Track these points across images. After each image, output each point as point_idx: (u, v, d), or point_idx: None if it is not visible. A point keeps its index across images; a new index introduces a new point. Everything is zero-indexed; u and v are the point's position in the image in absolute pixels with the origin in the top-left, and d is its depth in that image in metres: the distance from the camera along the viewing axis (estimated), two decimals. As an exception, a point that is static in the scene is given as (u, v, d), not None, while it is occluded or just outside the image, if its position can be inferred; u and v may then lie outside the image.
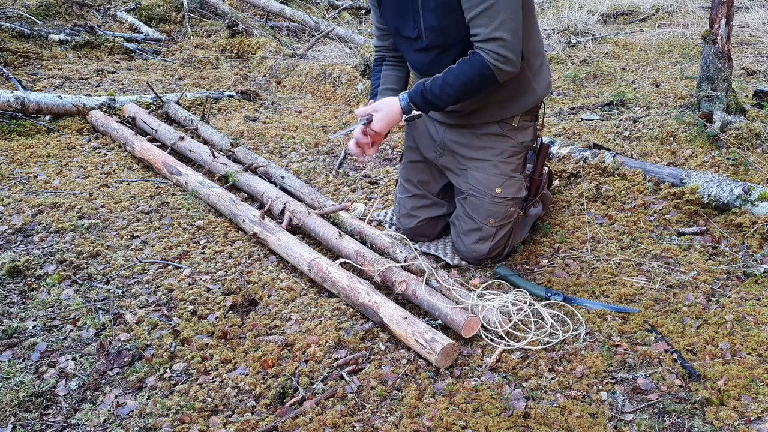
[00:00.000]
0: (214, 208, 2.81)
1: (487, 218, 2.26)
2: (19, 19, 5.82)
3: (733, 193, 2.49)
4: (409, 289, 2.06)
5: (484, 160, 2.26)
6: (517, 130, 2.26)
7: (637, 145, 3.27)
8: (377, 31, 2.40)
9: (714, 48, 3.17)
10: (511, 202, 2.28)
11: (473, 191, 2.28)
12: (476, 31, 1.98)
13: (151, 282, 2.28)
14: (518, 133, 2.27)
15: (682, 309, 2.02)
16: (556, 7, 6.85)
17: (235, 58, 5.65)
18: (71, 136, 3.63)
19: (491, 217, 2.25)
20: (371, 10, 2.39)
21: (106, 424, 1.65)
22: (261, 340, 1.95)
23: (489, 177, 2.25)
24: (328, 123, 3.99)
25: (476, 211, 2.27)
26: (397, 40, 2.28)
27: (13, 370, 1.82)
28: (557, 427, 1.60)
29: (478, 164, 2.27)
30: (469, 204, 2.29)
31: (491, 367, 1.82)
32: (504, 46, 1.96)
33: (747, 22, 5.70)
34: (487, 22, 1.95)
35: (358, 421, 1.64)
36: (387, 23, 2.28)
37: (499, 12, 1.93)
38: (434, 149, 2.39)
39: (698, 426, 1.58)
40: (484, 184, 2.26)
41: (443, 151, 2.36)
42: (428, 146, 2.41)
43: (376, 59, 2.47)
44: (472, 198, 2.28)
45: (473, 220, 2.28)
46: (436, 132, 2.37)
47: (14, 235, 2.57)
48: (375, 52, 2.48)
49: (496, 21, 1.94)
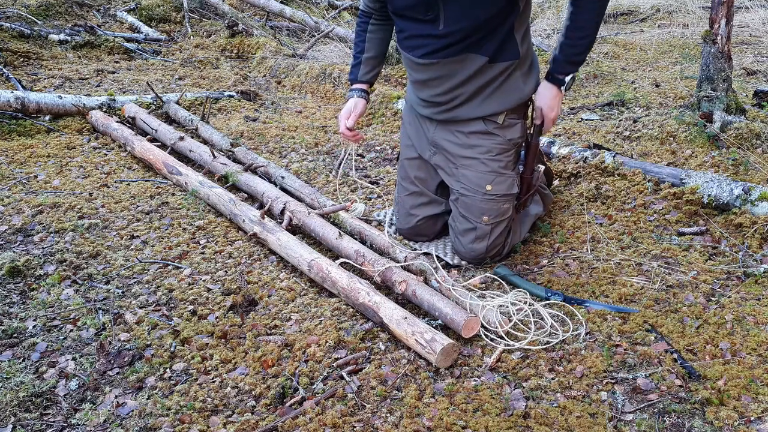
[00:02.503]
0: (214, 208, 2.81)
1: (481, 216, 2.26)
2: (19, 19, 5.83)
3: (733, 193, 2.49)
4: (409, 289, 2.06)
5: (472, 158, 2.27)
6: (504, 128, 2.26)
7: (637, 145, 3.27)
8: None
9: (714, 48, 3.17)
10: (503, 199, 2.28)
11: (464, 190, 2.28)
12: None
13: (151, 282, 2.28)
14: (505, 131, 2.26)
15: (682, 309, 2.02)
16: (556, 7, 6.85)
17: (235, 58, 5.65)
18: (71, 136, 3.63)
19: (484, 215, 2.25)
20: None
21: (106, 424, 1.65)
22: (261, 340, 1.95)
23: (478, 174, 2.26)
24: (328, 123, 3.99)
25: (469, 211, 2.28)
26: (396, 14, 2.20)
27: (13, 370, 1.82)
28: (557, 427, 1.60)
29: (467, 162, 2.28)
30: (462, 204, 2.30)
31: (491, 367, 1.82)
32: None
33: (747, 22, 5.69)
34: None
35: (358, 421, 1.64)
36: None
37: None
38: (428, 148, 2.40)
39: (698, 426, 1.58)
40: (473, 182, 2.26)
41: (436, 150, 2.37)
42: (422, 145, 2.42)
43: (361, 13, 2.40)
44: (463, 198, 2.29)
45: (467, 220, 2.29)
46: (428, 130, 2.37)
47: (14, 235, 2.57)
48: (362, 4, 2.39)
49: None
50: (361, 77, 2.43)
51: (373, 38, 2.39)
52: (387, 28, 2.40)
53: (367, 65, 2.42)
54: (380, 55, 2.43)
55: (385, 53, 2.46)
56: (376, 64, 2.44)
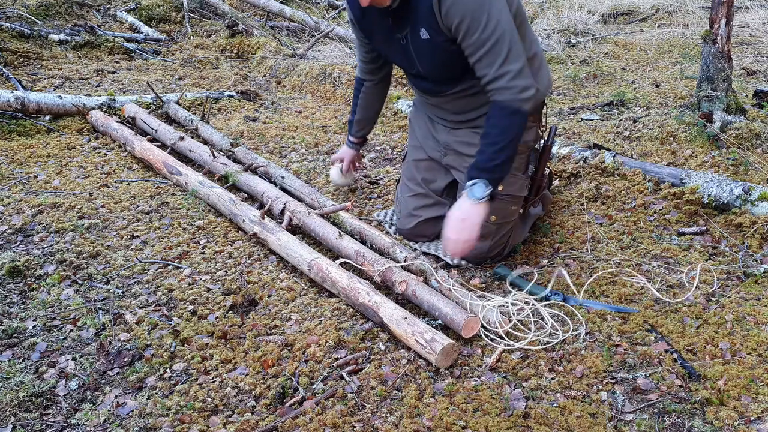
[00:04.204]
0: (214, 208, 2.81)
1: (489, 215, 2.26)
2: (19, 19, 5.83)
3: (733, 193, 2.49)
4: (409, 289, 2.06)
5: None
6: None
7: (637, 145, 3.27)
8: (362, 55, 2.46)
9: (714, 48, 3.17)
10: (513, 200, 2.28)
11: None
12: (483, 72, 1.99)
13: (151, 282, 2.28)
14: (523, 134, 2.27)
15: (682, 309, 2.02)
16: (556, 7, 6.85)
17: (235, 58, 5.65)
18: (71, 136, 3.63)
19: (492, 214, 2.25)
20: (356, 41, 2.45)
21: (106, 424, 1.65)
22: (261, 340, 1.95)
23: None
24: (328, 123, 3.99)
25: None
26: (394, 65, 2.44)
27: (13, 370, 1.82)
28: (557, 427, 1.60)
29: None
30: None
31: (491, 367, 1.82)
32: (514, 76, 1.96)
33: (747, 22, 5.69)
34: (492, 62, 1.96)
35: (358, 421, 1.64)
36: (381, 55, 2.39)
37: (502, 47, 1.93)
38: (438, 149, 2.40)
39: (698, 426, 1.58)
40: None
41: (447, 151, 2.37)
42: (432, 146, 2.42)
43: (357, 78, 2.59)
44: None
45: None
46: (439, 133, 2.37)
47: (14, 235, 2.57)
48: (357, 70, 2.57)
49: (500, 57, 1.94)
50: (354, 134, 2.73)
51: (364, 104, 2.61)
52: (378, 91, 2.60)
53: (358, 125, 2.69)
54: (372, 116, 2.68)
55: (378, 112, 2.70)
56: (367, 123, 2.70)
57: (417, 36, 2.06)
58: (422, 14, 1.99)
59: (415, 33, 2.06)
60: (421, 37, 2.05)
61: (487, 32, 1.91)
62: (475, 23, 1.91)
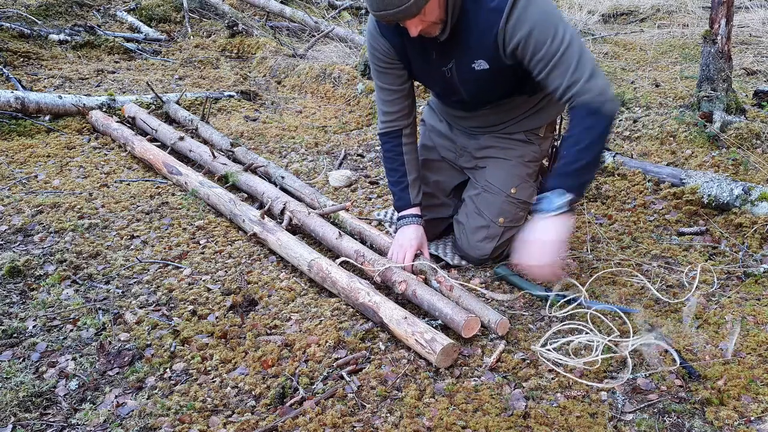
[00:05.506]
0: (214, 208, 2.81)
1: (498, 216, 2.26)
2: (19, 19, 5.83)
3: (733, 193, 2.49)
4: (409, 289, 2.06)
5: (505, 159, 2.30)
6: (543, 139, 2.32)
7: (637, 145, 3.27)
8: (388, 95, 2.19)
9: (714, 48, 3.17)
10: (522, 205, 2.30)
11: (488, 187, 2.29)
12: (555, 84, 1.87)
13: (151, 282, 2.28)
14: (543, 142, 2.32)
15: (683, 309, 2.02)
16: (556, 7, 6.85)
17: (235, 58, 5.65)
18: (71, 136, 3.63)
19: (501, 216, 2.26)
20: (375, 77, 2.19)
21: (106, 424, 1.65)
22: (261, 340, 1.95)
23: (507, 176, 2.28)
24: (328, 123, 3.99)
25: (488, 208, 2.28)
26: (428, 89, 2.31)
27: (13, 370, 1.82)
28: (557, 427, 1.60)
29: (499, 162, 2.30)
30: (482, 200, 2.30)
31: (491, 367, 1.82)
32: (589, 78, 1.83)
33: (747, 22, 5.69)
34: (564, 71, 1.84)
35: (358, 421, 1.64)
36: (418, 80, 2.19)
37: (572, 54, 1.83)
38: (453, 151, 2.42)
39: (698, 426, 1.58)
40: (501, 181, 2.28)
41: (463, 153, 2.39)
42: (447, 148, 2.44)
43: (383, 135, 2.25)
44: (486, 194, 2.29)
45: (482, 217, 2.28)
46: (458, 137, 2.39)
47: (14, 235, 2.57)
48: (382, 125, 2.24)
49: (572, 65, 1.83)
50: (414, 200, 2.27)
51: (411, 159, 2.26)
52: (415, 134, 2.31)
53: (415, 187, 2.26)
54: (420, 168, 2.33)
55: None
56: (422, 180, 2.32)
57: (467, 68, 2.00)
58: (479, 47, 1.94)
59: (463, 65, 2.00)
60: (474, 69, 1.99)
61: (556, 43, 1.83)
62: (543, 36, 1.84)
